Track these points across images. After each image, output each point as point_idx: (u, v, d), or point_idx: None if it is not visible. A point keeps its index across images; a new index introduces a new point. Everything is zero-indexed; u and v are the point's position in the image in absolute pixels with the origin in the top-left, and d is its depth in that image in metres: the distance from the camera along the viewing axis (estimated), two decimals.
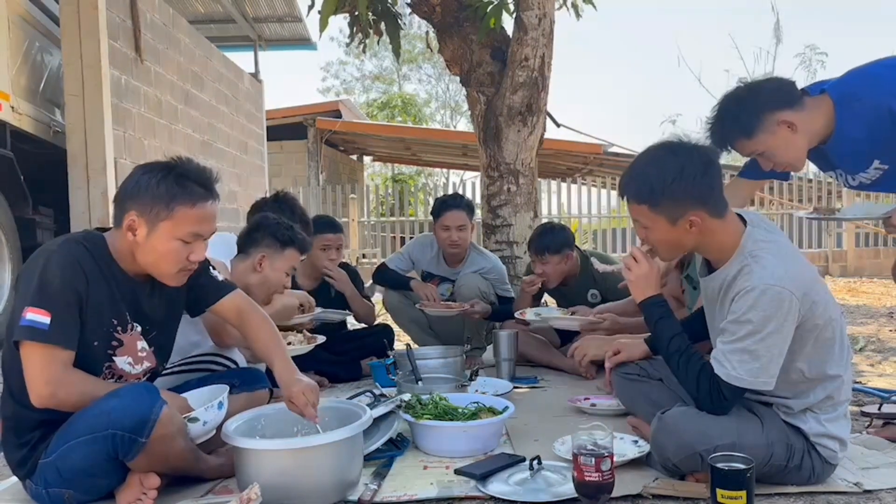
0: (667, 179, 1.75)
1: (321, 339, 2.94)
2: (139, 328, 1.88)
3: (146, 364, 1.90)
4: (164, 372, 2.08)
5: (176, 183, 1.77)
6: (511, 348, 3.29)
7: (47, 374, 1.66)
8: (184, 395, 1.97)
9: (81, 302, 1.72)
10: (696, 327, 2.02)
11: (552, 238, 3.48)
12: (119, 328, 1.83)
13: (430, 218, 3.98)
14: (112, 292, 1.80)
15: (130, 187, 1.79)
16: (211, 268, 2.04)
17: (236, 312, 2.03)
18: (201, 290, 2.01)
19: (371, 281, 4.22)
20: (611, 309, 3.10)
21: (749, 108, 2.03)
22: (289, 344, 2.66)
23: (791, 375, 1.77)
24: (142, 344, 1.89)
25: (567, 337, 3.50)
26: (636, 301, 1.99)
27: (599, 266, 3.49)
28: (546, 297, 3.99)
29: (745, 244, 1.78)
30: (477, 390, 2.71)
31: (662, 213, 1.79)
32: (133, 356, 1.86)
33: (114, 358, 1.83)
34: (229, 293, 2.03)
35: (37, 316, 1.65)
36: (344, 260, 3.93)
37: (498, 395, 2.60)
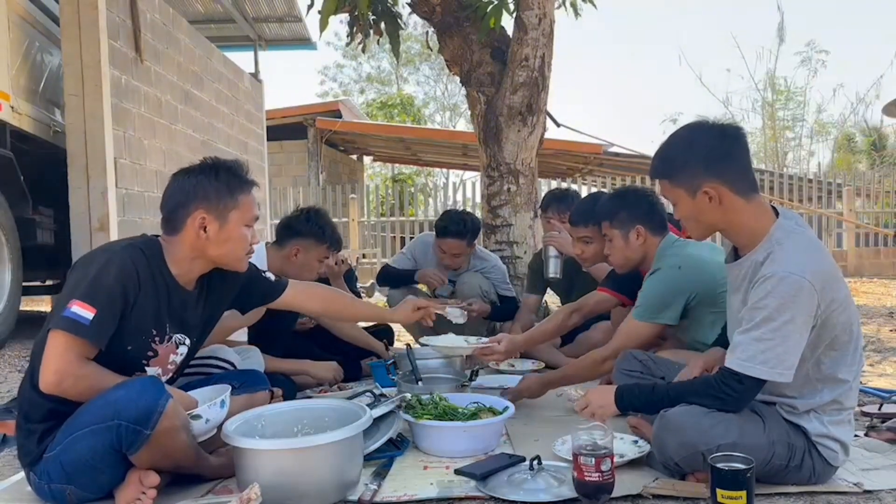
0: (678, 149, 1.83)
1: None
2: (182, 338, 1.96)
3: (171, 375, 1.98)
4: None
5: (231, 175, 1.94)
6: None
7: (59, 363, 1.69)
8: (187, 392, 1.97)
9: (126, 307, 1.78)
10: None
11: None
12: (157, 338, 1.89)
13: (430, 218, 4.02)
14: (159, 303, 1.87)
15: (188, 190, 1.90)
16: (262, 272, 2.24)
17: (304, 294, 2.32)
18: (259, 290, 2.21)
19: (373, 281, 4.23)
20: (514, 339, 2.85)
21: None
22: None
23: (801, 372, 1.74)
24: (173, 357, 1.96)
25: (569, 337, 3.49)
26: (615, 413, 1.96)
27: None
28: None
29: (773, 232, 1.77)
30: (481, 385, 2.72)
31: (680, 185, 1.82)
32: (163, 367, 1.94)
33: (146, 368, 1.89)
34: (287, 286, 2.27)
35: (81, 310, 1.70)
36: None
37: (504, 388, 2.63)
